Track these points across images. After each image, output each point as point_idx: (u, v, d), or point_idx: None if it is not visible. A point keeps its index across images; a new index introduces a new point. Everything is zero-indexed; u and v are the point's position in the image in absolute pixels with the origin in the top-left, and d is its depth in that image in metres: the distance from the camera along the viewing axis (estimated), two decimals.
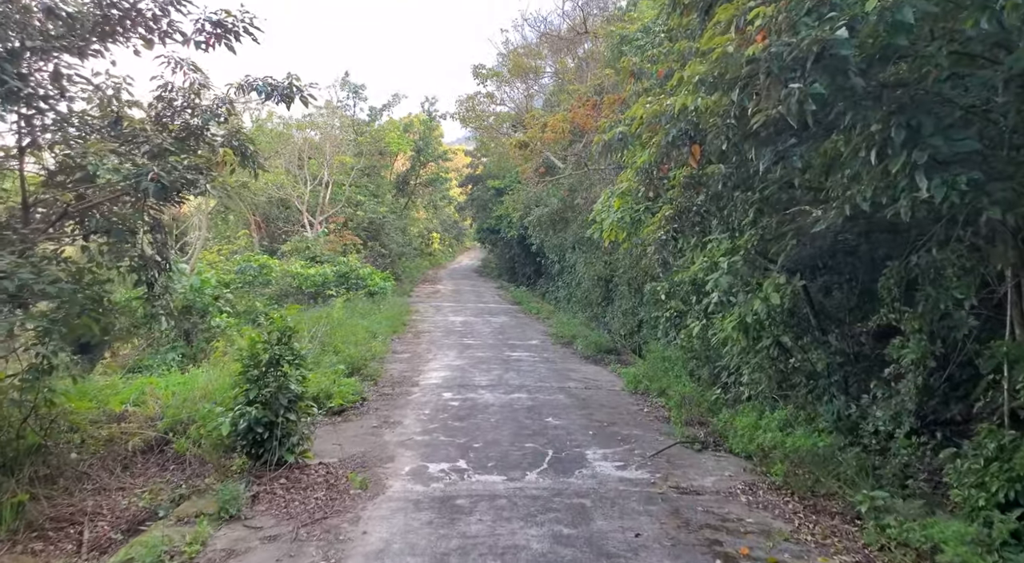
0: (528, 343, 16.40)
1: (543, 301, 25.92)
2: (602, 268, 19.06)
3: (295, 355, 6.96)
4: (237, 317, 17.98)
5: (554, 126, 15.05)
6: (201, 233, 24.00)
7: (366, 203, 28.83)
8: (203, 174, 5.82)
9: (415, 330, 18.25)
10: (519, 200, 26.36)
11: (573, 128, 15.03)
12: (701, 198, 7.89)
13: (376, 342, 14.52)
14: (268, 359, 6.82)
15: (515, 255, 34.17)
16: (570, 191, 18.59)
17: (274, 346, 6.85)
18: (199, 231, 23.30)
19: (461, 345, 15.77)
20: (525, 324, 20.09)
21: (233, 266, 19.96)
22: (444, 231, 55.28)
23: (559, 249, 22.50)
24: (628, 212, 10.32)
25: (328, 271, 21.12)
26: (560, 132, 14.64)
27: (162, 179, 5.21)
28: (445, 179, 40.83)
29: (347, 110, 33.37)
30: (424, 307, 23.76)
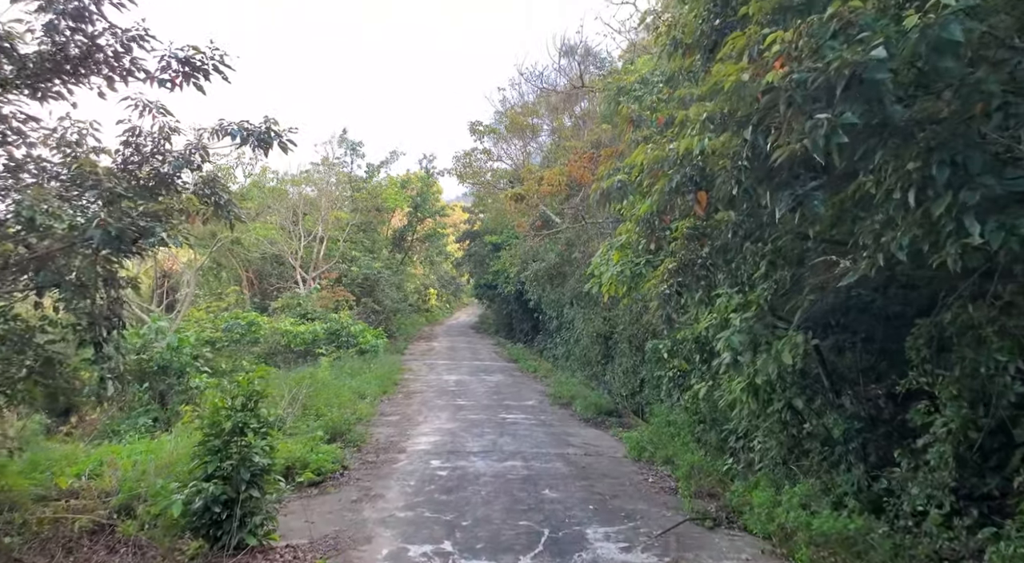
0: (524, 404, 15.62)
1: (541, 359, 25.17)
2: (601, 324, 18.44)
3: (262, 422, 6.27)
4: (220, 378, 17.25)
5: (550, 179, 14.72)
6: (190, 289, 23.44)
7: (361, 259, 28.41)
8: (160, 222, 5.27)
9: (406, 390, 17.47)
10: (516, 255, 25.96)
11: (570, 181, 14.69)
12: (706, 250, 7.38)
13: (363, 404, 13.76)
14: (231, 427, 6.13)
15: (512, 311, 33.57)
16: (567, 245, 18.14)
17: (238, 412, 6.16)
18: (188, 288, 22.76)
19: (454, 406, 14.99)
20: (522, 383, 19.32)
21: (220, 323, 19.30)
22: (441, 287, 54.83)
23: (557, 305, 21.93)
24: (628, 266, 9.80)
25: (318, 328, 20.46)
26: (557, 185, 14.29)
27: (110, 226, 4.66)
28: (442, 235, 40.59)
29: (345, 167, 33.38)
30: (417, 365, 23.00)
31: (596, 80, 14.92)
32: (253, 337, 19.75)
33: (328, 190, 28.65)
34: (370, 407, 13.93)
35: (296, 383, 11.55)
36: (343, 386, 14.17)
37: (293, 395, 11.03)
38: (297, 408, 10.73)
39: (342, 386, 14.01)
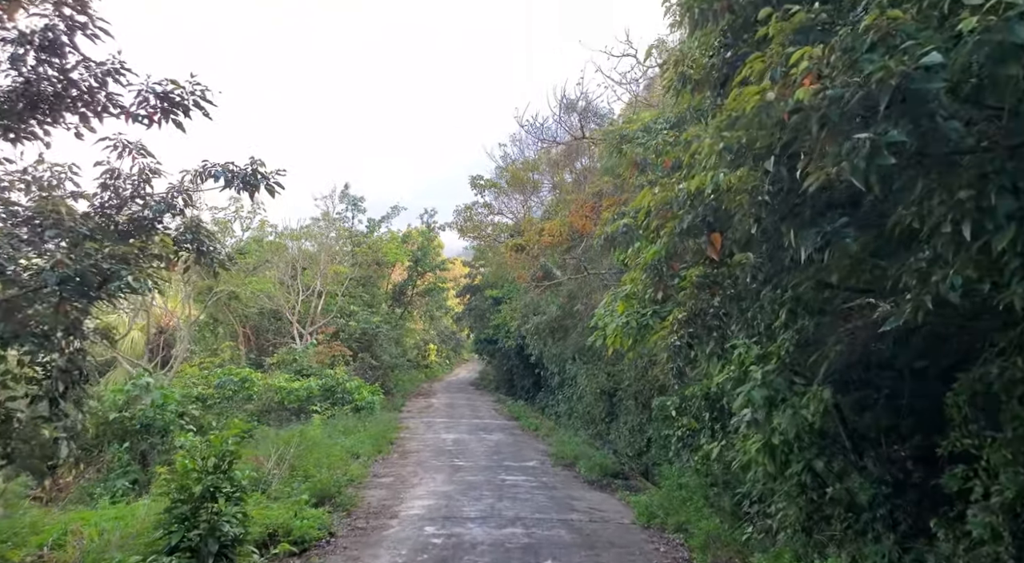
0: (525, 465, 14.87)
1: (542, 416, 24.38)
2: (604, 380, 17.81)
3: (235, 486, 5.69)
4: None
5: (551, 230, 14.41)
6: (183, 345, 22.90)
7: (359, 313, 27.94)
8: (128, 265, 4.85)
9: (402, 449, 16.71)
10: (516, 308, 25.50)
11: (571, 232, 14.37)
12: (717, 299, 6.93)
13: (356, 464, 13.05)
14: (201, 492, 5.54)
15: (513, 367, 32.87)
16: (569, 298, 17.69)
17: (209, 475, 5.59)
18: (181, 343, 22.20)
19: (451, 467, 14.24)
20: (522, 442, 18.55)
21: (213, 380, 18.69)
22: (441, 342, 54.16)
23: (559, 359, 21.33)
24: (634, 317, 9.32)
25: (313, 385, 19.82)
26: (558, 235, 13.96)
27: (67, 268, 4.23)
28: (442, 289, 40.25)
29: (346, 222, 33.31)
30: (415, 423, 22.22)
31: (597, 130, 14.81)
32: (246, 394, 19.11)
33: (328, 245, 28.41)
34: (363, 468, 13.20)
35: (285, 442, 10.90)
36: (335, 445, 13.48)
37: (280, 455, 10.37)
38: (284, 469, 10.06)
39: (334, 445, 13.32)
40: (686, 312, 7.37)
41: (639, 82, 13.86)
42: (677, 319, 7.37)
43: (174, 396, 11.16)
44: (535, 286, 15.66)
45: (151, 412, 10.58)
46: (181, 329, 31.38)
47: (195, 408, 13.57)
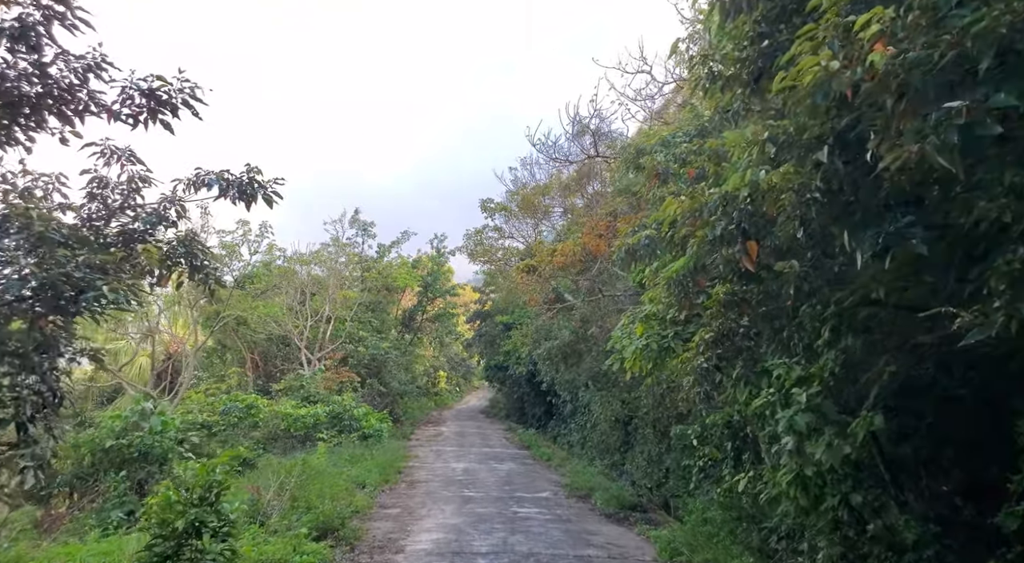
0: (538, 496, 14.20)
1: (555, 445, 23.66)
2: (619, 408, 17.18)
3: (223, 520, 5.16)
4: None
5: (564, 250, 13.94)
6: (189, 371, 22.49)
7: (368, 339, 27.47)
8: (107, 274, 4.42)
9: (410, 479, 16.09)
10: (528, 334, 24.96)
11: (585, 254, 13.91)
12: (746, 319, 6.41)
13: (361, 494, 12.47)
14: (184, 527, 5.03)
15: (524, 394, 32.18)
16: (582, 322, 17.15)
17: (194, 508, 5.08)
18: (187, 370, 21.79)
19: (461, 498, 13.61)
20: (535, 472, 17.87)
21: (218, 406, 18.22)
22: (451, 369, 53.53)
23: (571, 386, 20.70)
24: (654, 339, 8.79)
25: (319, 411, 19.29)
26: (571, 256, 13.49)
27: (30, 277, 3.81)
28: (452, 314, 39.77)
29: (355, 247, 33.04)
30: (424, 452, 21.58)
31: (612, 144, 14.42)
32: (252, 421, 18.60)
33: (337, 269, 28.09)
34: (368, 498, 12.62)
35: (286, 471, 10.37)
36: (340, 474, 12.92)
37: (281, 485, 9.83)
38: (285, 500, 9.51)
39: (339, 474, 12.75)
40: (713, 332, 6.87)
41: (654, 99, 13.50)
42: (703, 340, 6.87)
43: (174, 422, 10.66)
44: (547, 309, 15.14)
45: (149, 439, 10.08)
46: (189, 355, 31.11)
47: (196, 435, 13.06)
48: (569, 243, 14.10)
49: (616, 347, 10.10)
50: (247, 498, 8.87)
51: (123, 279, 4.65)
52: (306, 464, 10.96)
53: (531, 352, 24.48)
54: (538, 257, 14.47)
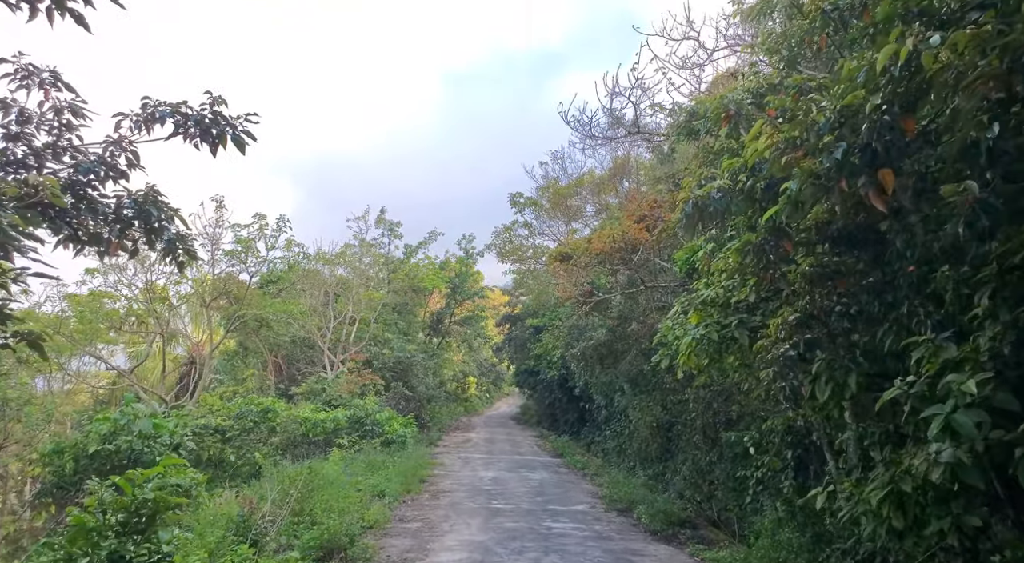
0: (574, 509, 12.87)
1: (588, 453, 22.28)
2: (660, 413, 15.79)
3: (156, 554, 3.95)
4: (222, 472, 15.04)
5: (602, 237, 12.63)
6: (206, 373, 21.66)
7: (394, 341, 26.42)
8: None
9: (434, 488, 14.89)
10: (560, 336, 23.66)
11: (625, 243, 12.58)
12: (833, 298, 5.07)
13: (378, 506, 11.31)
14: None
15: (556, 400, 30.83)
16: (620, 320, 15.81)
17: (111, 538, 3.87)
18: (206, 372, 20.92)
19: (488, 511, 12.35)
20: (569, 482, 16.52)
21: (233, 410, 17.27)
22: (481, 375, 52.35)
23: (607, 390, 19.32)
24: (713, 329, 7.46)
25: (340, 416, 18.22)
26: (610, 242, 12.17)
27: None
28: (481, 317, 38.59)
29: (382, 247, 32.12)
30: (450, 459, 20.40)
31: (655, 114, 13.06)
32: (269, 426, 17.61)
33: (362, 270, 27.13)
34: (386, 510, 11.44)
35: (292, 480, 9.24)
36: (355, 484, 11.77)
37: (286, 495, 8.69)
38: (285, 513, 8.35)
39: (353, 484, 11.60)
40: (798, 313, 5.52)
41: (703, 67, 12.14)
42: (786, 323, 5.52)
43: (166, 425, 9.57)
44: (582, 304, 13.83)
45: (139, 444, 9.01)
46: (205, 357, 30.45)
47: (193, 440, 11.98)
48: (607, 230, 12.79)
49: (665, 341, 8.77)
50: (236, 514, 7.75)
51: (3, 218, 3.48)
52: (313, 472, 9.84)
53: (563, 354, 23.19)
54: (572, 244, 13.18)
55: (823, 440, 10.30)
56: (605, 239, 12.12)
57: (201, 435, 16.30)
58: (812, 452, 10.72)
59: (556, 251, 13.21)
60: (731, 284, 7.71)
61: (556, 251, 13.21)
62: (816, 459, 10.60)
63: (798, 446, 10.73)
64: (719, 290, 7.70)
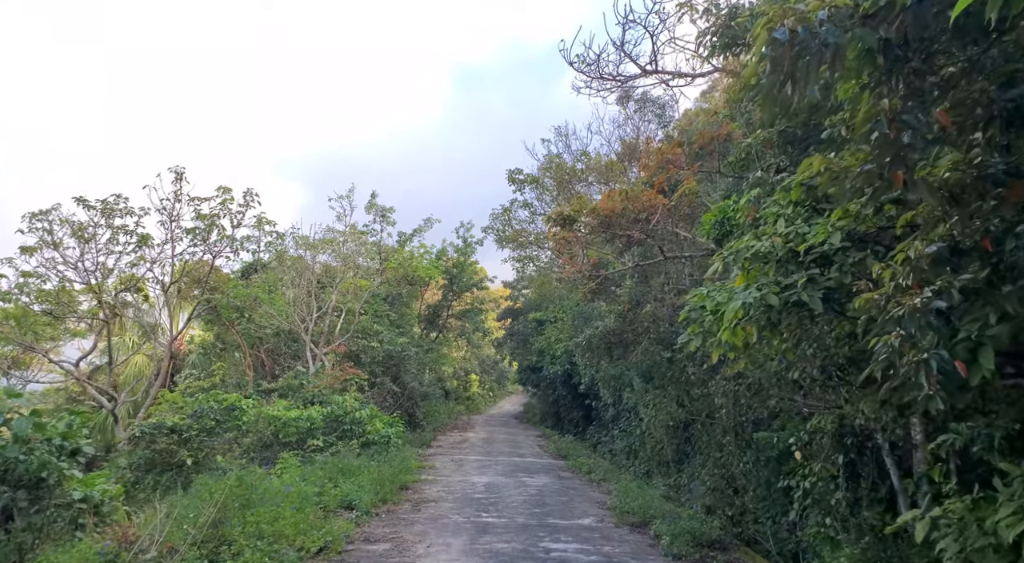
0: (578, 524, 10.81)
1: (594, 454, 20.22)
2: (675, 409, 13.72)
3: None
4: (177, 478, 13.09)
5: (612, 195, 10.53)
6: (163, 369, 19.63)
7: (384, 333, 24.35)
8: None
9: (417, 497, 12.85)
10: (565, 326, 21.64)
11: (639, 209, 10.49)
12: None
13: (340, 523, 9.27)
14: None
15: (559, 397, 28.81)
16: (632, 304, 13.74)
17: None
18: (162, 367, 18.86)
19: (476, 527, 10.30)
20: (573, 489, 14.45)
21: (191, 407, 15.27)
22: (483, 373, 50.31)
23: (615, 383, 17.24)
24: (769, 289, 5.40)
25: (314, 414, 16.19)
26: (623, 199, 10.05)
27: None
28: (481, 310, 36.49)
29: (374, 235, 30.06)
30: (443, 461, 18.38)
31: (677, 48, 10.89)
32: (234, 425, 15.59)
33: (347, 255, 25.10)
34: (348, 527, 9.40)
35: (211, 496, 7.16)
36: (314, 494, 9.71)
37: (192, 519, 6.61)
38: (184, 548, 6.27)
39: (311, 495, 9.53)
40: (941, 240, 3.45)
41: None
42: (921, 257, 3.43)
43: (55, 428, 7.47)
44: (587, 279, 11.74)
45: (13, 450, 6.96)
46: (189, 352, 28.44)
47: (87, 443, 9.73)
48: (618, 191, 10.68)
49: (693, 317, 6.71)
50: (98, 550, 5.73)
51: None
52: (243, 484, 7.78)
53: (567, 347, 21.16)
54: (576, 204, 11.07)
55: (884, 442, 8.31)
56: (616, 198, 10.02)
57: (152, 436, 14.39)
58: (867, 457, 8.72)
59: (556, 213, 11.06)
60: (793, 230, 5.66)
61: (556, 213, 11.06)
62: (872, 466, 8.60)
63: (850, 449, 8.74)
64: (778, 239, 5.64)
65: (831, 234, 4.80)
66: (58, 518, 7.53)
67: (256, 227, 16.78)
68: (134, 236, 14.94)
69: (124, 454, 15.00)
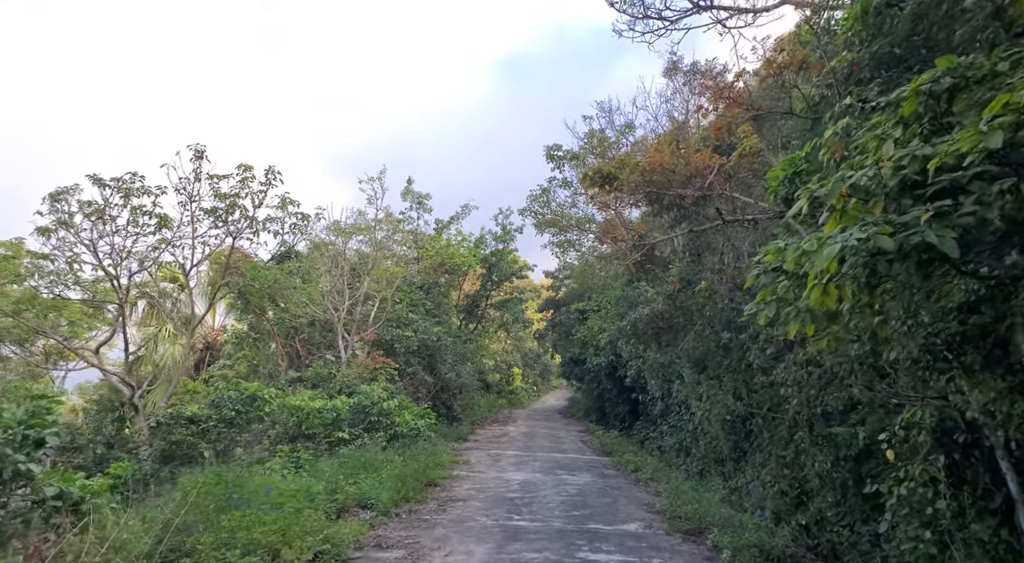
0: (623, 530, 9.45)
1: (642, 451, 18.77)
2: (732, 402, 12.21)
3: None
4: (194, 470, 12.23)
5: (660, 145, 9.07)
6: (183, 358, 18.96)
7: (418, 322, 23.31)
8: None
9: (444, 495, 11.69)
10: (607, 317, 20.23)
11: (690, 172, 9.04)
12: None
13: (347, 525, 8.15)
14: None
15: (604, 391, 27.35)
16: (683, 283, 12.28)
17: None
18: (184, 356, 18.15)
19: (505, 531, 9.06)
20: (617, 489, 13.07)
21: (211, 395, 14.47)
22: (526, 366, 49.04)
23: (664, 373, 15.77)
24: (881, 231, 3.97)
25: (339, 405, 15.21)
26: (671, 150, 8.59)
27: None
28: (521, 300, 35.20)
29: (410, 223, 29.11)
30: (478, 456, 17.21)
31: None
32: (256, 415, 14.73)
33: (379, 241, 24.16)
34: (362, 529, 8.29)
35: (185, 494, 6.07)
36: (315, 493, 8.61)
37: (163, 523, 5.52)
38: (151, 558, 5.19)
39: (313, 493, 8.44)
40: None
41: None
42: None
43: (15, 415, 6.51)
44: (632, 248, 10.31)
45: None
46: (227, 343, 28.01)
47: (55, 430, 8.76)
48: (668, 138, 9.20)
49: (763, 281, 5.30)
50: None
51: None
52: (221, 481, 6.69)
53: (611, 336, 19.75)
54: (618, 160, 9.63)
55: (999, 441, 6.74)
56: (665, 150, 8.57)
57: (169, 426, 13.62)
58: (977, 458, 7.15)
59: (593, 170, 9.62)
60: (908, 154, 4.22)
61: (593, 170, 9.62)
62: (982, 469, 7.04)
63: (952, 449, 7.22)
64: (887, 165, 4.21)
65: (985, 139, 3.35)
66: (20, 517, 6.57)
67: (280, 208, 15.86)
68: (153, 218, 14.14)
69: (144, 445, 14.34)
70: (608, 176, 9.07)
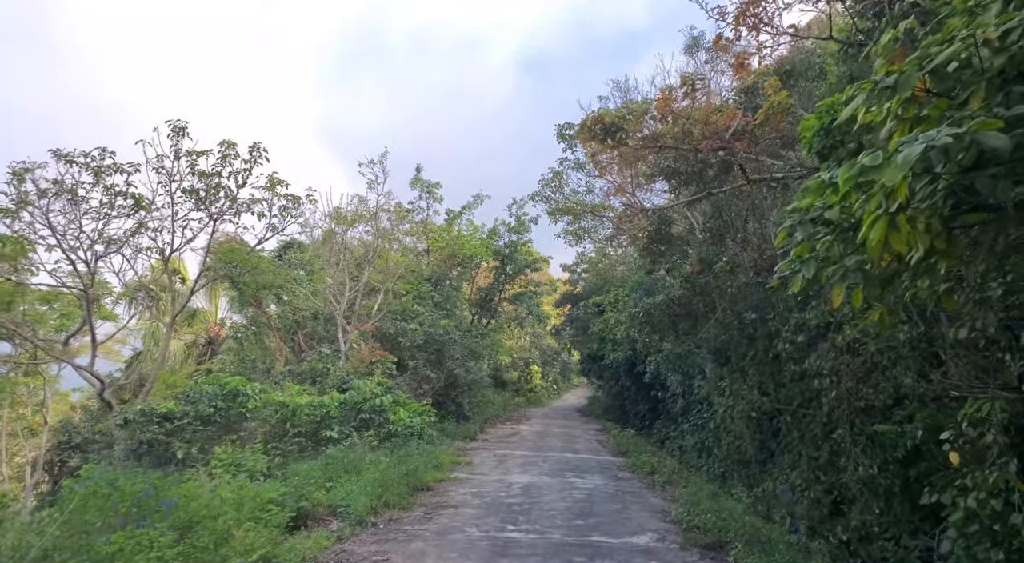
0: (631, 544, 8.13)
1: (661, 451, 17.37)
2: (757, 397, 10.83)
3: None
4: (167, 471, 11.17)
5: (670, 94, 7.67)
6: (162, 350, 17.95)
7: (424, 315, 22.11)
8: None
9: (435, 501, 10.47)
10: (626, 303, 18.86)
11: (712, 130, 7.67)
12: None
13: (300, 541, 6.97)
14: None
15: (623, 389, 25.96)
16: (702, 264, 10.92)
17: None
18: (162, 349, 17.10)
19: (494, 546, 7.79)
20: (630, 494, 11.73)
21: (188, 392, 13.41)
22: (545, 364, 47.64)
23: (684, 367, 14.37)
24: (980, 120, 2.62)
25: (328, 401, 14.06)
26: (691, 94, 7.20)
27: None
28: (536, 293, 33.84)
29: (420, 213, 27.97)
30: (482, 457, 15.97)
31: None
32: (238, 412, 13.65)
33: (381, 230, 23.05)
34: (326, 543, 7.10)
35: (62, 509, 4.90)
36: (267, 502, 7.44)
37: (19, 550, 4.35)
38: None
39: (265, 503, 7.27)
40: None
41: None
42: None
43: None
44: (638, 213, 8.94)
45: None
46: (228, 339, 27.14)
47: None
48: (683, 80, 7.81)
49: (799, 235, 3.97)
50: None
51: None
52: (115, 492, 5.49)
53: (628, 328, 18.39)
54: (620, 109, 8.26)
55: None
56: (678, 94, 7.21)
57: (139, 424, 12.58)
58: None
59: (592, 119, 8.24)
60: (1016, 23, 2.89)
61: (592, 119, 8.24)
62: None
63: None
64: (992, 36, 2.88)
65: None
66: None
67: (268, 189, 14.75)
68: (129, 198, 13.10)
69: (119, 442, 13.36)
70: (610, 127, 7.73)
